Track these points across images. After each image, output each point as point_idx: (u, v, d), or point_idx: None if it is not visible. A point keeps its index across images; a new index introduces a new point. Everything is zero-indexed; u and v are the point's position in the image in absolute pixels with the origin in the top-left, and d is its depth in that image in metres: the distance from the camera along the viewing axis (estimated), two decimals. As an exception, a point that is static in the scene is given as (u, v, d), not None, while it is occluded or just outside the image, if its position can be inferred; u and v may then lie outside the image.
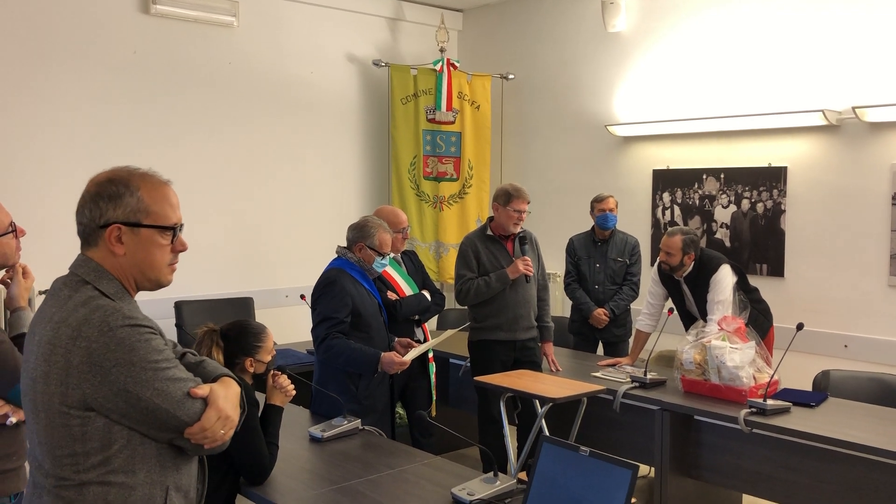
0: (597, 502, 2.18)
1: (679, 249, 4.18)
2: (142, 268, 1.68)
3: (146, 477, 1.62)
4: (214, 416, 1.63)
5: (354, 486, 2.65)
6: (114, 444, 1.58)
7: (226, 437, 1.68)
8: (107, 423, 1.57)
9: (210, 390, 1.65)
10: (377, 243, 3.70)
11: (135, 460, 1.60)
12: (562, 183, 6.44)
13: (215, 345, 2.71)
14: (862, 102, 4.67)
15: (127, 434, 1.59)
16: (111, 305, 1.60)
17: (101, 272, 1.65)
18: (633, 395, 3.90)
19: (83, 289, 1.63)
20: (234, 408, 1.69)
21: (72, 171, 4.90)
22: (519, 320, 4.25)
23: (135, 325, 1.58)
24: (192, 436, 1.62)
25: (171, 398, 1.58)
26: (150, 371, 1.56)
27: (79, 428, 1.56)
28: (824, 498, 3.36)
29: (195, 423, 1.61)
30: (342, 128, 6.43)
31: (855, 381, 3.99)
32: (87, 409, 1.55)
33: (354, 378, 3.56)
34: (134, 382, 1.55)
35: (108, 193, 1.64)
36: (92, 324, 1.55)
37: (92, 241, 1.66)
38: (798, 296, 5.06)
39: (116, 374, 1.54)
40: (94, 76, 5.09)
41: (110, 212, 1.63)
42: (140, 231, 1.66)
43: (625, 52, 5.99)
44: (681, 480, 3.86)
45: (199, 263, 5.35)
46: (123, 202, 1.64)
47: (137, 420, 1.58)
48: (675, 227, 4.33)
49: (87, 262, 1.67)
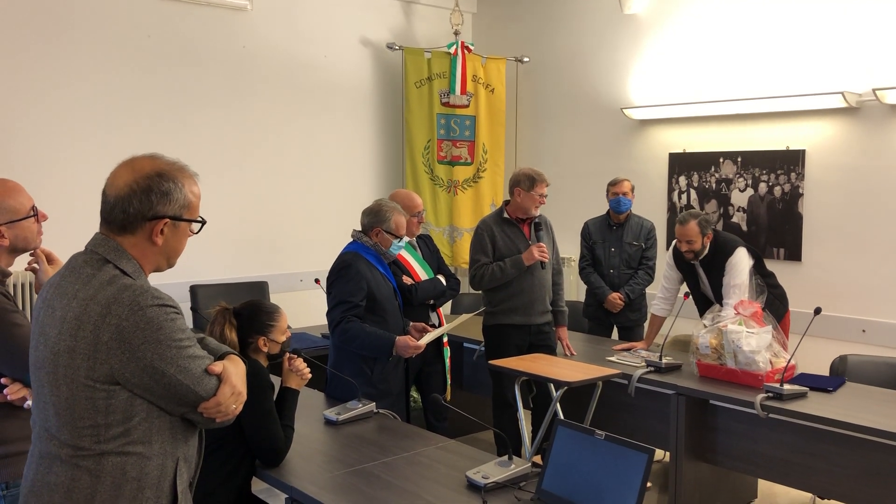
0: (612, 486, 2.18)
1: (698, 234, 4.15)
2: (169, 255, 1.78)
3: (160, 448, 1.70)
4: (229, 391, 1.72)
5: (369, 468, 2.66)
6: (135, 416, 1.65)
7: (236, 411, 1.76)
8: (130, 396, 1.64)
9: (223, 367, 1.73)
10: (393, 227, 3.69)
11: (152, 432, 1.68)
12: (577, 167, 6.40)
13: (228, 323, 2.71)
14: (882, 84, 4.60)
15: (147, 407, 1.66)
16: (139, 285, 1.66)
17: (120, 252, 1.71)
18: (648, 379, 3.88)
19: (105, 267, 1.68)
20: (243, 384, 1.77)
21: (88, 157, 4.93)
22: (534, 304, 4.24)
23: (162, 304, 1.65)
24: (207, 410, 1.70)
25: (192, 375, 1.66)
26: (175, 349, 1.64)
27: (103, 401, 1.62)
28: (841, 483, 3.34)
29: (211, 398, 1.69)
30: (356, 112, 6.42)
31: (873, 367, 3.96)
32: (112, 384, 1.62)
33: (369, 362, 3.56)
34: (160, 359, 1.62)
35: (160, 189, 1.71)
36: (122, 302, 1.62)
37: (131, 228, 1.71)
38: (815, 280, 5.02)
39: (144, 351, 1.61)
40: (109, 61, 5.09)
41: (160, 207, 1.71)
42: (180, 224, 1.75)
43: (641, 34, 5.93)
44: (696, 465, 3.85)
45: (213, 248, 5.38)
46: (173, 198, 1.72)
47: (159, 394, 1.65)
48: (682, 213, 4.29)
49: (106, 242, 1.72)
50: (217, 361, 1.74)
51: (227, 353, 1.83)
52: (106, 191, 1.72)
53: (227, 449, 2.62)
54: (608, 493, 2.18)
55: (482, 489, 2.44)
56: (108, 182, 1.73)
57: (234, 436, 2.60)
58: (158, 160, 1.75)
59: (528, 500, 2.35)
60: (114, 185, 1.71)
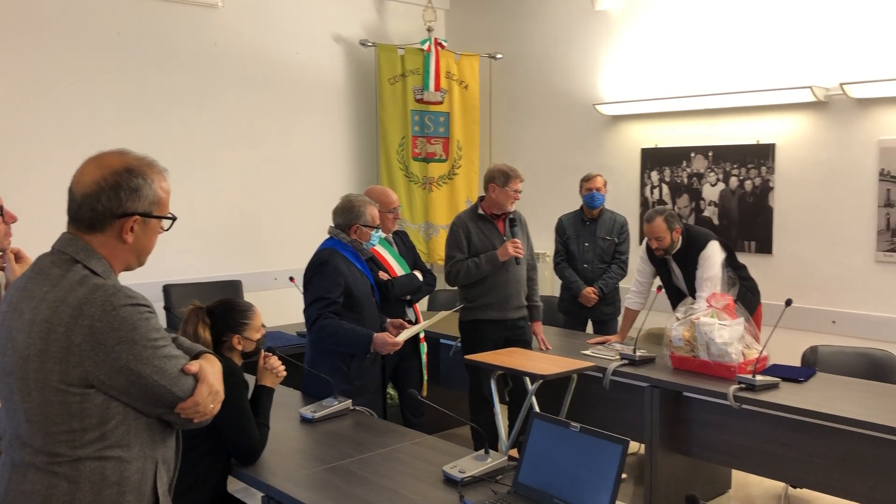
0: (588, 477, 2.20)
1: (666, 231, 4.18)
2: (139, 253, 1.74)
3: (139, 451, 1.66)
4: (206, 390, 1.69)
5: (346, 465, 2.66)
6: (111, 419, 1.61)
7: (214, 411, 1.73)
8: (105, 399, 1.60)
9: (200, 366, 1.70)
10: (370, 219, 3.69)
11: (130, 435, 1.65)
12: (550, 162, 6.43)
13: (201, 322, 2.69)
14: (849, 79, 4.67)
15: (123, 409, 1.63)
16: (111, 285, 1.63)
17: (89, 251, 1.66)
18: (622, 372, 3.91)
19: (74, 267, 1.64)
20: (220, 382, 1.75)
21: (56, 153, 4.86)
22: (510, 300, 4.26)
23: (136, 304, 1.62)
24: (185, 410, 1.67)
25: (169, 375, 1.63)
26: (151, 349, 1.61)
27: (78, 405, 1.58)
28: (812, 471, 3.40)
29: (188, 398, 1.66)
30: (329, 108, 6.39)
31: (842, 357, 4.02)
32: (87, 387, 1.58)
33: (346, 359, 3.55)
34: (135, 360, 1.59)
35: (129, 185, 1.67)
36: (94, 303, 1.58)
37: (99, 227, 1.67)
38: (786, 272, 5.09)
39: (119, 352, 1.57)
40: (78, 58, 5.03)
41: (130, 203, 1.67)
42: (150, 221, 1.72)
43: (612, 30, 5.96)
44: (671, 456, 3.89)
45: (187, 247, 5.34)
46: (143, 194, 1.68)
47: (136, 396, 1.62)
48: (648, 211, 4.31)
49: (74, 241, 1.67)
50: (193, 361, 1.71)
51: (202, 352, 1.80)
52: (72, 188, 1.67)
53: (202, 448, 2.60)
54: (584, 484, 2.20)
55: (459, 483, 2.44)
56: (75, 179, 1.68)
57: (208, 435, 2.58)
58: (127, 156, 1.71)
59: (505, 494, 2.36)
60: (81, 182, 1.66)
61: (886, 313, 4.70)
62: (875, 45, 4.63)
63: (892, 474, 3.15)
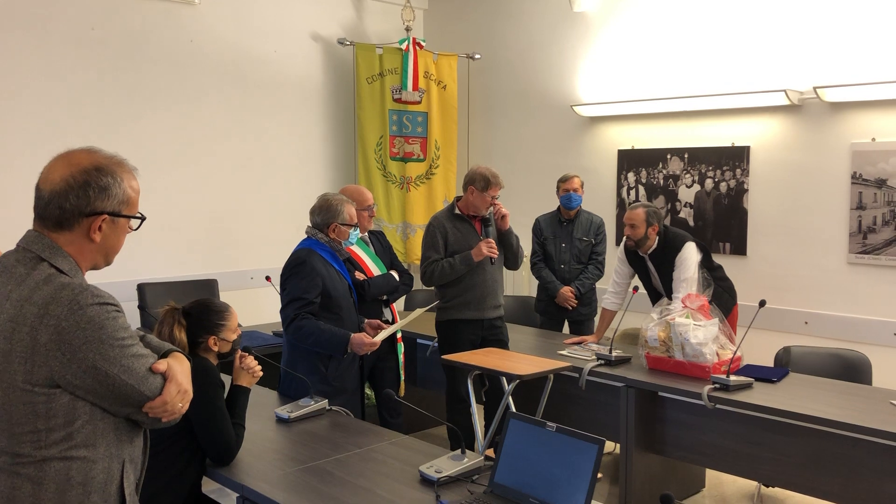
0: (564, 477, 2.20)
1: (643, 221, 4.22)
2: (107, 252, 1.72)
3: (105, 451, 1.65)
4: (174, 389, 1.67)
5: (322, 465, 2.65)
6: (77, 419, 1.60)
7: (182, 410, 1.72)
8: (71, 399, 1.58)
9: (168, 365, 1.68)
10: (347, 218, 3.68)
11: (96, 435, 1.63)
12: (528, 163, 6.45)
13: (177, 323, 2.66)
14: (823, 83, 4.73)
15: (89, 409, 1.61)
16: (77, 283, 1.60)
17: (55, 249, 1.64)
18: (598, 372, 3.93)
19: (40, 266, 1.62)
20: (189, 381, 1.73)
21: (27, 150, 4.79)
22: (486, 299, 4.27)
23: (103, 303, 1.60)
24: (153, 409, 1.65)
25: (137, 374, 1.61)
26: (118, 348, 1.59)
27: (43, 405, 1.56)
28: (785, 470, 3.43)
29: (157, 397, 1.65)
30: (307, 107, 6.37)
31: (815, 357, 4.07)
32: (53, 387, 1.56)
33: (324, 359, 3.53)
34: (103, 359, 1.57)
35: (99, 184, 1.64)
36: (60, 302, 1.56)
37: (67, 225, 1.64)
38: (760, 274, 5.14)
39: (86, 352, 1.55)
40: (51, 53, 4.96)
41: (99, 202, 1.65)
42: (118, 220, 1.69)
43: (590, 31, 5.99)
44: (646, 456, 3.91)
45: (162, 245, 5.30)
46: (112, 193, 1.66)
47: (103, 396, 1.60)
48: (635, 202, 4.37)
49: (40, 239, 1.65)
50: (161, 360, 1.69)
51: (171, 350, 1.78)
52: (40, 185, 1.65)
53: (176, 448, 2.58)
54: (560, 484, 2.21)
55: (435, 483, 2.44)
56: (43, 176, 1.65)
57: (182, 435, 2.57)
58: (96, 154, 1.69)
59: (481, 493, 2.37)
60: (48, 180, 1.64)
61: (858, 314, 4.76)
62: (848, 49, 4.69)
63: (863, 473, 3.19)
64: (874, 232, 4.66)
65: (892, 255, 4.60)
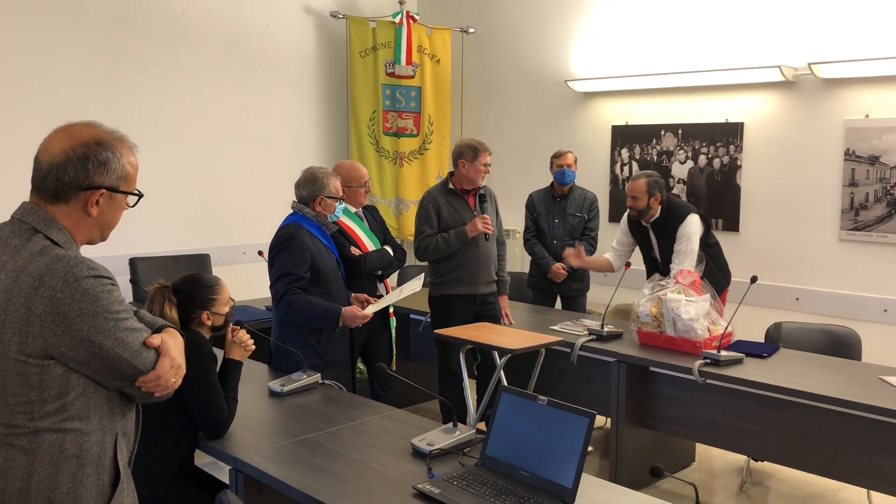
0: (555, 450, 2.22)
1: (644, 192, 4.23)
2: (103, 227, 1.72)
3: (99, 423, 1.66)
4: (168, 364, 1.68)
5: (314, 438, 2.66)
6: (71, 391, 1.60)
7: (175, 384, 1.72)
8: (65, 370, 1.59)
9: (162, 340, 1.69)
10: (333, 191, 3.66)
11: (89, 407, 1.63)
12: (522, 139, 6.43)
13: (168, 301, 2.65)
14: (817, 59, 4.71)
15: (83, 382, 1.61)
16: (73, 256, 1.60)
17: (51, 221, 1.64)
18: (590, 347, 3.95)
19: (35, 237, 1.62)
20: (182, 356, 1.74)
21: (13, 124, 4.75)
22: (479, 275, 4.27)
23: (98, 276, 1.60)
24: (146, 383, 1.66)
25: (131, 348, 1.62)
26: (113, 321, 1.59)
27: (37, 376, 1.57)
28: (775, 445, 3.46)
29: (150, 371, 1.65)
30: (299, 81, 6.32)
31: (805, 333, 4.09)
32: (46, 358, 1.57)
33: (315, 333, 3.53)
34: (97, 332, 1.57)
35: (98, 158, 1.65)
36: (56, 273, 1.56)
37: (64, 198, 1.65)
38: (752, 250, 5.16)
39: (80, 324, 1.56)
40: (40, 24, 4.90)
41: (97, 176, 1.65)
42: (116, 196, 1.70)
43: (584, 6, 5.95)
44: (636, 430, 3.94)
45: (154, 220, 5.27)
46: (111, 168, 1.67)
47: (96, 368, 1.61)
48: (638, 172, 4.37)
49: (36, 210, 1.65)
50: (155, 334, 1.69)
51: (164, 325, 1.78)
52: (39, 157, 1.65)
53: (168, 421, 2.58)
54: (551, 456, 2.22)
55: (427, 456, 2.46)
56: (42, 148, 1.66)
57: (175, 408, 2.57)
58: (97, 128, 1.69)
59: (473, 466, 2.38)
60: (48, 152, 1.64)
61: (848, 290, 4.78)
62: (843, 25, 4.67)
63: (851, 447, 3.22)
64: (866, 209, 4.68)
65: (883, 232, 4.62)
